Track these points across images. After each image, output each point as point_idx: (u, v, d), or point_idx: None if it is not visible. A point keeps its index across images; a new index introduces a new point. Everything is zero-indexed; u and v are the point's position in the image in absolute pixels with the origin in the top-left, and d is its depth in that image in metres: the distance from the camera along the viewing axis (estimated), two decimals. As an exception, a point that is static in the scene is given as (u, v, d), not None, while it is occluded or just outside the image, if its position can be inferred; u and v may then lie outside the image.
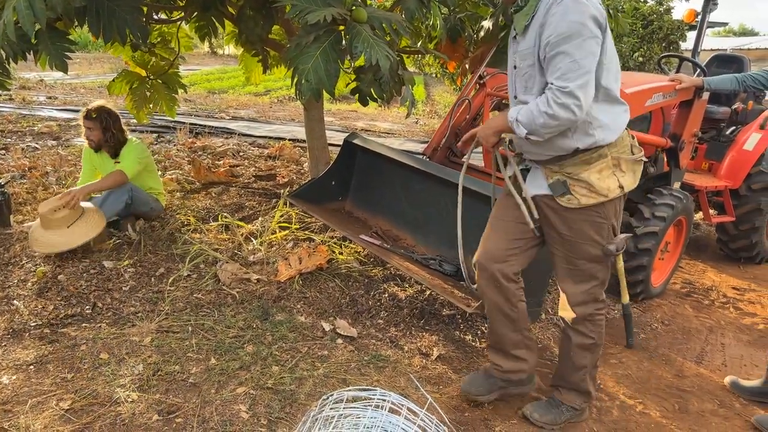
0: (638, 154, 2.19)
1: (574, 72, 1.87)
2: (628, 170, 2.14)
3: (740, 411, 2.76)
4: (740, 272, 4.59)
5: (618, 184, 2.11)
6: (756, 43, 18.83)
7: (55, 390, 2.43)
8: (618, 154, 2.12)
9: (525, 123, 2.03)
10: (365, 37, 3.04)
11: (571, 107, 1.90)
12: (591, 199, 2.12)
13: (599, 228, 2.18)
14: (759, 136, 4.39)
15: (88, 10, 3.07)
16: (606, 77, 2.03)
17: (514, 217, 2.36)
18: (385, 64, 3.01)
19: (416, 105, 3.98)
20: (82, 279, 3.38)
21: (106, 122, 3.93)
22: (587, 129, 2.07)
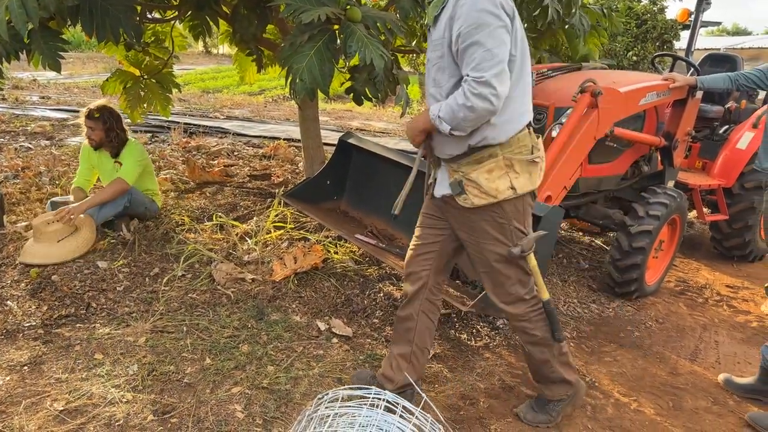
0: (536, 154, 2.09)
1: (489, 61, 1.84)
2: (522, 171, 2.05)
3: (734, 408, 2.77)
4: (734, 270, 4.61)
5: (509, 185, 2.04)
6: (749, 42, 18.93)
7: (49, 390, 2.42)
8: (511, 154, 2.04)
9: (447, 119, 1.98)
10: (360, 36, 3.04)
11: (488, 97, 1.86)
12: (482, 199, 2.06)
13: (501, 228, 2.13)
14: (752, 135, 4.42)
15: (81, 9, 3.06)
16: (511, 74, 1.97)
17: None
18: (380, 63, 3.01)
19: (411, 104, 3.98)
20: (76, 279, 3.36)
21: (108, 122, 3.91)
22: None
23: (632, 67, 11.62)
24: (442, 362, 2.89)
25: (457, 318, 3.32)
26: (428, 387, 2.67)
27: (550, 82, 3.99)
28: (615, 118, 3.40)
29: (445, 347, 3.02)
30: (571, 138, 3.21)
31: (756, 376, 2.86)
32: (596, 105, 3.22)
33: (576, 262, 4.38)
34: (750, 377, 2.91)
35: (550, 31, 4.71)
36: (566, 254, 4.50)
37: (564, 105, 3.47)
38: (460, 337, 3.15)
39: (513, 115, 2.03)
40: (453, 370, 2.84)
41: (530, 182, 2.08)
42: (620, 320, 3.58)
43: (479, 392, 2.69)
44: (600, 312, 3.66)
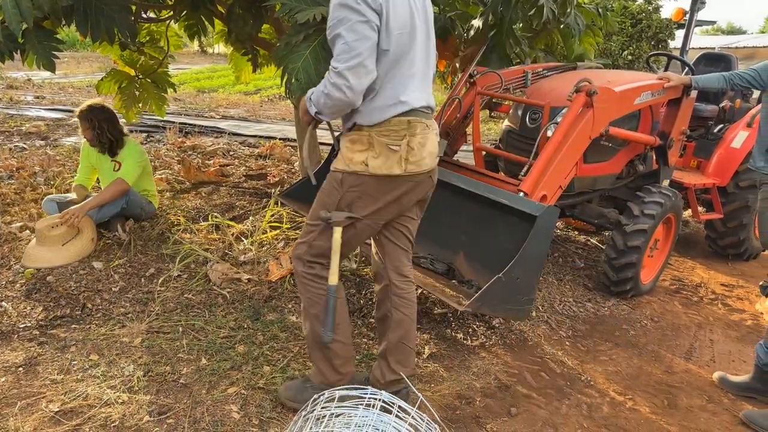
0: (399, 143, 2.11)
1: (346, 54, 1.94)
2: (380, 154, 2.11)
3: (728, 406, 2.78)
4: (728, 269, 4.63)
5: (363, 159, 2.11)
6: (744, 41, 19.00)
7: (44, 392, 2.41)
8: (377, 135, 2.11)
9: (314, 102, 2.12)
10: None
11: (342, 88, 1.96)
12: (339, 163, 2.19)
13: (330, 191, 2.21)
14: (746, 134, 4.44)
15: (76, 9, 3.05)
16: (379, 66, 2.04)
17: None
18: None
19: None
20: (72, 280, 3.35)
21: (92, 121, 3.91)
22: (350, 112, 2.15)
23: (627, 67, 11.64)
24: (438, 361, 2.89)
25: (453, 317, 3.32)
26: (424, 386, 2.68)
27: (545, 82, 4.00)
28: (610, 118, 3.40)
29: (441, 347, 3.02)
30: (566, 137, 3.22)
31: (750, 375, 2.88)
32: (591, 104, 3.22)
33: (571, 261, 4.39)
34: (745, 375, 2.92)
35: (546, 31, 4.72)
36: (562, 253, 4.51)
37: (559, 104, 3.47)
38: (456, 337, 3.15)
39: (383, 104, 2.10)
40: (449, 369, 2.84)
41: (385, 166, 2.12)
42: (616, 319, 3.60)
43: (475, 391, 2.69)
44: (595, 311, 3.67)
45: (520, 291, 2.71)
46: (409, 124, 2.13)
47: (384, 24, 1.98)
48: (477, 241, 3.16)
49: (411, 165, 2.14)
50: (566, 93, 3.42)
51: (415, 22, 2.09)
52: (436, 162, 2.29)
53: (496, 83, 3.90)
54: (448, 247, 3.29)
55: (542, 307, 3.58)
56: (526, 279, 2.71)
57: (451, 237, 3.29)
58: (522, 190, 3.05)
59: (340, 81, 1.96)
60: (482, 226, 3.13)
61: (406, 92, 2.11)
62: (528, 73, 4.06)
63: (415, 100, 2.14)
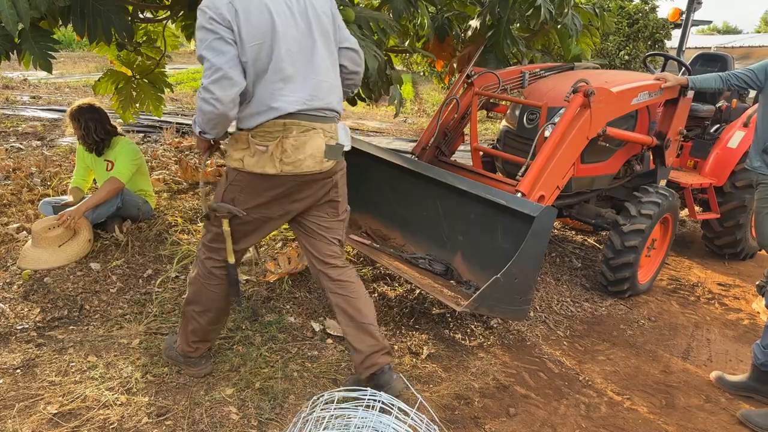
0: (267, 143, 2.22)
1: (208, 70, 2.08)
2: (255, 154, 2.23)
3: (726, 406, 2.79)
4: (725, 268, 4.64)
5: (240, 157, 2.25)
6: (739, 41, 19.06)
7: (42, 394, 2.41)
8: (252, 137, 2.23)
9: (197, 123, 2.27)
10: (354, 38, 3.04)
11: (210, 101, 2.10)
12: (227, 160, 2.33)
13: (220, 185, 2.37)
14: (743, 134, 4.45)
15: (73, 9, 3.04)
16: (246, 77, 2.14)
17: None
18: (373, 63, 3.01)
19: (404, 104, 3.99)
20: (69, 281, 3.34)
21: (79, 120, 3.91)
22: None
23: (624, 67, 11.66)
24: (437, 362, 2.90)
25: (451, 318, 3.32)
26: (423, 387, 2.68)
27: (542, 82, 4.00)
28: (607, 118, 3.41)
29: (440, 347, 3.03)
30: (563, 138, 3.23)
31: (747, 374, 2.89)
32: (589, 105, 3.23)
33: (569, 261, 4.40)
34: (742, 375, 2.93)
35: (543, 31, 4.73)
36: (559, 253, 4.52)
37: (557, 105, 3.48)
38: (455, 337, 3.16)
39: (256, 110, 2.21)
40: (447, 369, 2.85)
41: (258, 165, 2.23)
42: (613, 319, 3.60)
43: (474, 392, 2.69)
44: (593, 311, 3.68)
45: (518, 291, 2.71)
46: (284, 127, 2.21)
47: (237, 37, 2.08)
48: (475, 241, 3.16)
49: (287, 166, 2.23)
50: (563, 93, 3.42)
51: (279, 29, 2.13)
52: (326, 165, 2.33)
53: (493, 83, 3.91)
54: (446, 248, 3.29)
55: (540, 307, 3.59)
56: (524, 279, 2.71)
57: (449, 237, 3.29)
58: (520, 191, 3.06)
59: (208, 95, 2.09)
60: (480, 226, 3.13)
61: (275, 98, 2.19)
62: (525, 74, 4.06)
63: (290, 105, 2.20)
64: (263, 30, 2.10)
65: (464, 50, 4.62)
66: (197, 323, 2.51)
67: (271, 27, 2.11)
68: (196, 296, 2.48)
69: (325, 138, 2.31)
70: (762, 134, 3.08)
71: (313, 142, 2.26)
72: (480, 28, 4.32)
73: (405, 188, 3.56)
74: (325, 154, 2.31)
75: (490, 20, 4.33)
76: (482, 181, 3.26)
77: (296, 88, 2.22)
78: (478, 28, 4.33)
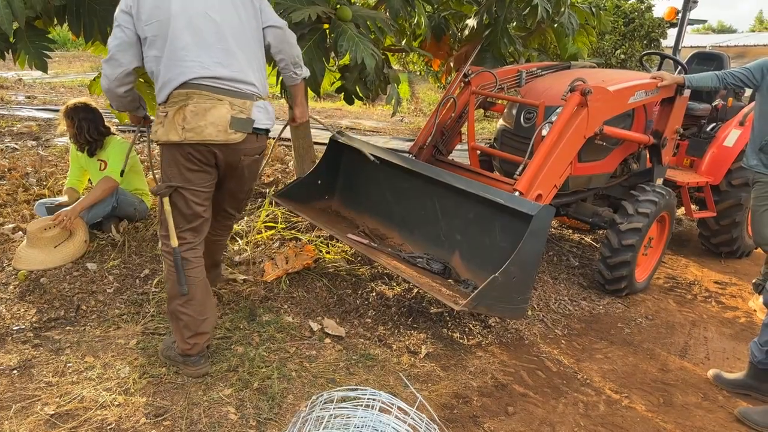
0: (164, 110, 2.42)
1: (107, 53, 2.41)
2: (163, 123, 2.41)
3: (724, 403, 2.80)
4: (721, 266, 4.66)
5: (155, 129, 2.47)
6: (734, 40, 19.12)
7: (39, 395, 2.39)
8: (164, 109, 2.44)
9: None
10: (350, 35, 3.04)
11: (103, 79, 2.48)
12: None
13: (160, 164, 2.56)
14: (739, 133, 4.46)
15: (68, 8, 3.03)
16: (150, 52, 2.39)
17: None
18: (371, 62, 3.01)
19: (401, 103, 3.99)
20: (65, 281, 3.33)
21: (72, 119, 3.89)
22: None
23: (620, 66, 11.68)
24: (435, 361, 2.90)
25: (449, 317, 3.32)
26: (421, 386, 2.68)
27: (539, 81, 4.00)
28: (604, 117, 3.42)
29: (438, 346, 3.03)
30: (561, 137, 3.23)
31: (745, 372, 2.89)
32: (586, 104, 3.24)
33: (566, 260, 4.41)
34: (739, 373, 2.94)
35: (539, 30, 4.73)
36: (556, 252, 4.53)
37: (554, 104, 3.48)
38: (453, 336, 3.15)
39: (162, 83, 2.41)
40: (446, 368, 2.85)
41: (165, 134, 2.40)
42: (611, 317, 3.61)
43: (472, 391, 2.69)
44: (590, 309, 3.68)
45: (516, 290, 2.71)
46: (186, 96, 2.38)
47: (136, 18, 2.34)
48: (473, 240, 3.16)
49: (188, 132, 2.36)
50: (560, 92, 3.43)
51: (176, 7, 2.33)
52: (232, 136, 2.43)
53: (490, 83, 3.91)
54: (444, 247, 3.29)
55: (538, 306, 3.59)
56: (522, 278, 2.71)
57: (447, 237, 3.29)
58: (517, 190, 3.06)
59: (102, 73, 2.45)
60: (478, 225, 3.13)
61: (175, 70, 2.37)
62: (522, 73, 4.06)
63: (189, 71, 2.37)
64: (160, 10, 2.33)
65: (461, 49, 4.62)
66: (186, 316, 2.52)
67: (167, 7, 2.33)
68: (173, 290, 2.52)
69: (233, 111, 2.42)
70: (759, 132, 3.09)
71: (216, 111, 2.39)
72: (477, 27, 4.33)
73: (403, 187, 3.56)
74: (230, 125, 2.40)
75: (486, 19, 4.34)
76: (480, 180, 3.26)
77: (195, 57, 2.37)
78: (475, 27, 4.33)
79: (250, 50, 2.51)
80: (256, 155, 2.64)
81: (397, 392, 2.60)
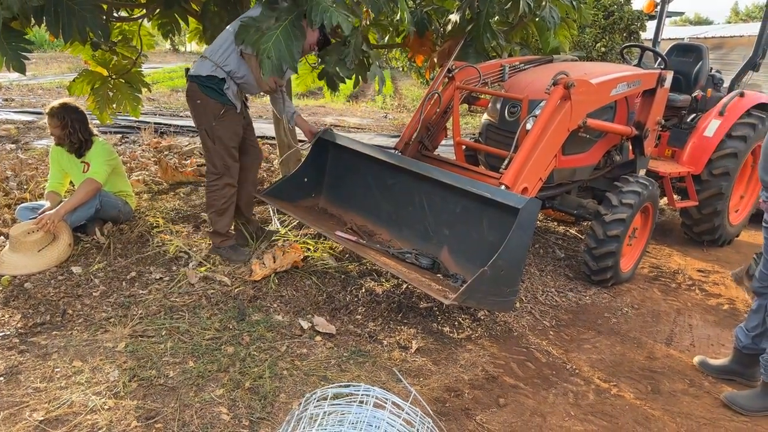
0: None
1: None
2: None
3: (709, 389, 2.85)
4: (704, 255, 4.73)
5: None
6: (712, 31, 19.35)
7: (27, 401, 2.36)
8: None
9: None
10: (324, 6, 3.01)
11: None
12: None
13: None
14: (718, 123, 4.53)
15: (46, 9, 2.98)
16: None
17: None
18: (347, 26, 2.99)
19: (385, 83, 4.00)
20: (50, 286, 3.29)
21: (64, 119, 3.83)
22: None
23: (601, 59, 11.77)
24: (426, 355, 2.91)
25: (439, 311, 3.34)
26: (413, 381, 2.69)
27: (522, 75, 4.03)
28: (587, 109, 3.45)
29: (429, 341, 3.04)
30: (545, 130, 3.25)
31: (729, 357, 2.95)
32: (569, 97, 3.26)
33: (552, 252, 4.45)
34: (724, 358, 2.99)
35: (521, 24, 4.76)
36: (542, 244, 4.57)
37: (537, 97, 3.50)
38: (443, 330, 3.17)
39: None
40: (437, 362, 2.86)
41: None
42: (597, 307, 3.65)
43: (463, 384, 2.71)
44: (577, 300, 3.72)
45: (504, 283, 2.73)
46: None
47: None
48: (461, 234, 3.18)
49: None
50: (544, 86, 3.45)
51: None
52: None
53: (474, 77, 3.92)
54: (433, 242, 3.30)
55: (525, 298, 3.62)
56: (510, 271, 2.74)
57: (435, 232, 3.30)
58: (504, 183, 3.08)
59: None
60: (465, 219, 3.15)
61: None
62: (506, 67, 4.08)
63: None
64: None
65: (444, 45, 4.62)
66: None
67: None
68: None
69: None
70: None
71: None
72: (459, 22, 4.33)
73: (390, 184, 3.57)
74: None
75: (469, 14, 4.35)
76: (466, 174, 3.27)
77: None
78: (458, 23, 4.34)
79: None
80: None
81: (390, 387, 2.60)
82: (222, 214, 3.61)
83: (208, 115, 3.41)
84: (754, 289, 2.84)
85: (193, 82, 3.38)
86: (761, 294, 2.75)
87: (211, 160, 3.53)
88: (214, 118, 3.41)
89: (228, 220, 3.67)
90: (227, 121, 3.44)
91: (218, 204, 3.58)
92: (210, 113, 3.40)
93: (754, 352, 2.81)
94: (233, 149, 3.54)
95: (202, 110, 3.42)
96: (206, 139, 3.48)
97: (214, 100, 3.38)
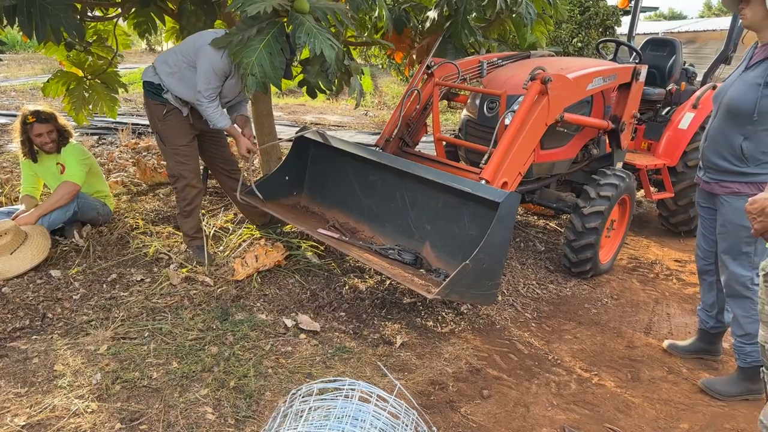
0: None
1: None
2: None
3: (687, 376, 2.92)
4: (681, 245, 4.83)
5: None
6: (685, 26, 19.67)
7: (8, 406, 2.33)
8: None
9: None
10: (308, 27, 3.01)
11: None
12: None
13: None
14: (692, 115, 4.62)
15: (19, 9, 2.94)
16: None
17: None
18: (330, 53, 3.00)
19: (364, 95, 4.01)
20: (29, 290, 3.24)
21: (54, 124, 3.79)
22: None
23: (577, 54, 11.91)
24: (410, 350, 2.93)
25: (422, 306, 3.36)
26: (398, 375, 2.71)
27: (500, 71, 4.06)
28: (565, 104, 3.49)
29: (413, 335, 3.06)
30: (523, 125, 3.29)
31: (695, 337, 3.08)
32: (546, 92, 3.30)
33: (532, 245, 4.50)
34: (690, 339, 3.11)
35: (498, 20, 4.80)
36: (523, 238, 4.62)
37: (515, 93, 3.54)
38: (427, 324, 3.20)
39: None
40: (421, 357, 2.89)
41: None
42: (578, 299, 3.71)
43: (448, 376, 2.74)
44: (558, 292, 3.77)
45: (486, 276, 2.77)
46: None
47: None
48: (442, 230, 3.20)
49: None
50: (522, 81, 3.48)
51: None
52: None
53: (453, 74, 3.95)
54: (415, 238, 3.32)
55: (507, 291, 3.67)
56: (491, 264, 2.77)
57: (417, 227, 3.33)
58: (484, 178, 3.11)
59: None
60: (446, 215, 3.17)
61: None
62: (484, 63, 4.11)
63: None
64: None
65: (423, 41, 4.65)
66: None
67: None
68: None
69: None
70: None
71: None
72: (438, 19, 4.36)
73: (371, 181, 3.58)
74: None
75: (447, 11, 4.38)
76: (447, 170, 3.30)
77: None
78: (436, 19, 4.36)
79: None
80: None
81: (375, 382, 2.62)
82: (187, 216, 3.64)
83: (154, 118, 3.51)
84: (699, 268, 2.93)
85: (143, 87, 3.53)
86: (707, 271, 2.88)
87: (167, 162, 3.62)
88: (159, 120, 3.49)
89: (194, 221, 3.67)
90: (171, 122, 3.48)
91: (181, 206, 3.63)
92: (155, 115, 3.50)
93: (720, 330, 2.96)
94: (183, 148, 3.54)
95: (150, 113, 3.53)
96: (159, 142, 3.59)
97: (155, 102, 3.47)
